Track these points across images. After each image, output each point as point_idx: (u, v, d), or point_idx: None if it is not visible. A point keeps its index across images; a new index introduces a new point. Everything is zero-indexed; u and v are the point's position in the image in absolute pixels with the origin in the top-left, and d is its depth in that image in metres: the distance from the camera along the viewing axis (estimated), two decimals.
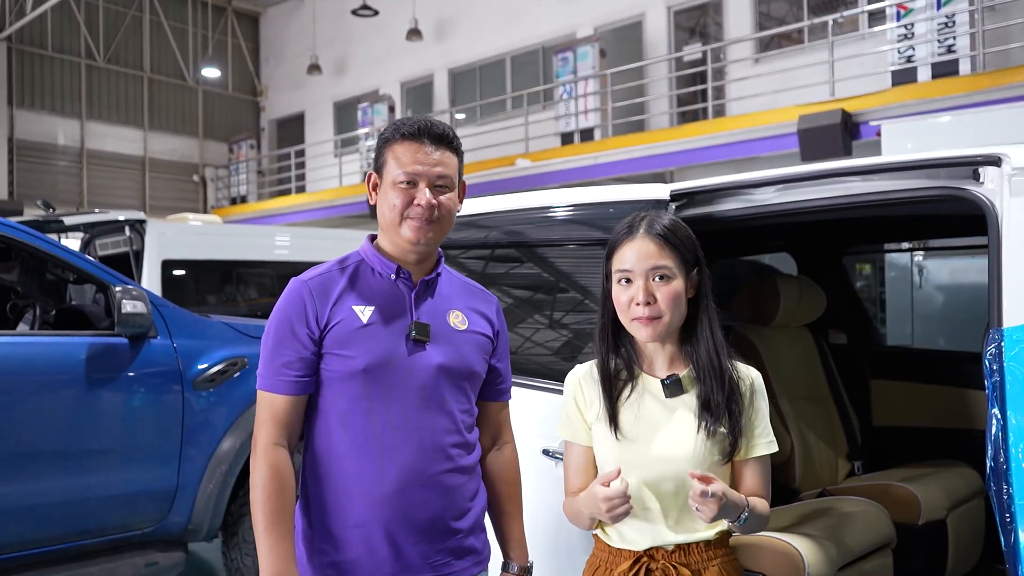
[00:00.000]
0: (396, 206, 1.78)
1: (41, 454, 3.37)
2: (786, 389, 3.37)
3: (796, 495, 3.23)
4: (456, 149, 1.85)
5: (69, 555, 3.48)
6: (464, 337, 1.86)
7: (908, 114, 8.89)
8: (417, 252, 1.82)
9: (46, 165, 18.54)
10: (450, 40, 17.39)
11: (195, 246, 8.06)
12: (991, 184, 2.07)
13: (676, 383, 1.85)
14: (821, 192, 2.38)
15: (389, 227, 1.81)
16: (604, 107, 13.38)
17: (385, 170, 1.81)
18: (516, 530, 1.98)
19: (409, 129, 1.80)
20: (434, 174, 1.78)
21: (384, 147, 1.82)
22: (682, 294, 1.84)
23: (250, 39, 22.29)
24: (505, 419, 2.02)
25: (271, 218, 17.41)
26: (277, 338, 1.76)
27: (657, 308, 1.81)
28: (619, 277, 1.85)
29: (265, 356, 1.78)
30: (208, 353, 3.90)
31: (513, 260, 3.13)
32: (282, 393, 1.75)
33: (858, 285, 8.11)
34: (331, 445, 1.76)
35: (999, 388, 1.92)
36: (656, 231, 1.85)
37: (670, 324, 1.83)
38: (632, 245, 1.84)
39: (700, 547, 1.84)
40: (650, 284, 1.81)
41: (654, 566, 1.82)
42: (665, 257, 1.82)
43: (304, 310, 1.75)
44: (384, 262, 1.84)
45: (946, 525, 3.01)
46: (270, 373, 1.76)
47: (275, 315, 1.79)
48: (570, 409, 1.94)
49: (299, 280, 1.80)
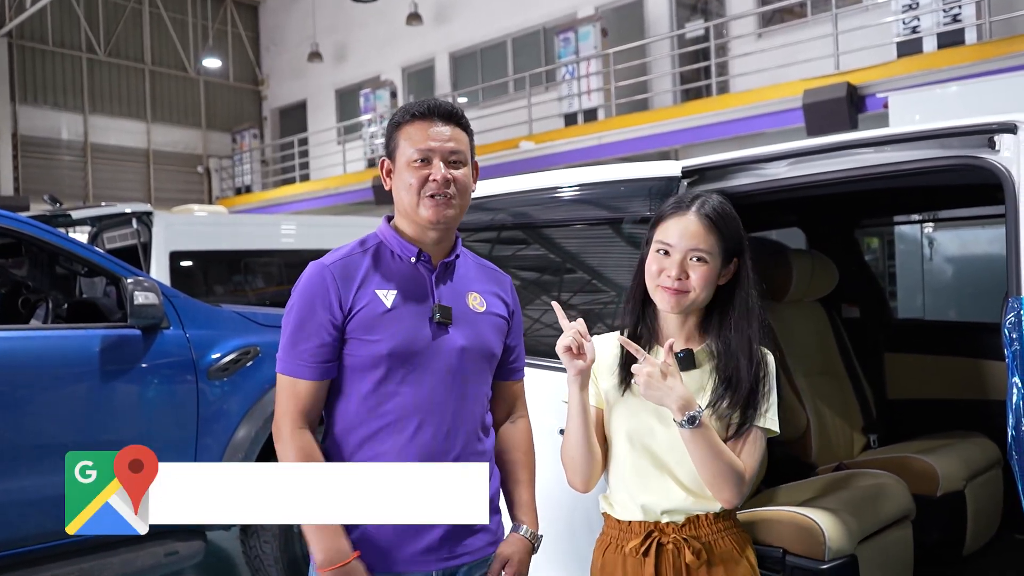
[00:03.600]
0: (412, 185, 1.77)
1: (58, 447, 3.37)
2: (800, 365, 3.36)
3: (813, 470, 3.23)
4: (466, 127, 1.86)
5: (89, 545, 3.50)
6: (483, 319, 1.87)
7: (914, 85, 8.82)
8: (437, 231, 1.81)
9: (51, 160, 18.55)
10: (450, 23, 17.30)
11: (202, 237, 8.07)
12: (1007, 152, 2.06)
13: (688, 357, 1.86)
14: (834, 165, 2.37)
15: (408, 208, 1.80)
16: (607, 87, 13.32)
17: (398, 153, 1.81)
18: (527, 496, 1.98)
19: (419, 109, 1.81)
20: (447, 149, 1.79)
21: (395, 131, 1.83)
22: (714, 280, 1.85)
23: (250, 28, 22.22)
24: (519, 394, 2.04)
25: (276, 207, 17.42)
26: (299, 322, 1.76)
27: (687, 284, 1.82)
28: (658, 247, 1.86)
29: (286, 340, 1.77)
30: (221, 342, 3.90)
31: (525, 241, 3.12)
32: (305, 378, 1.75)
33: (866, 259, 8.07)
34: (353, 428, 1.77)
35: (1019, 357, 1.91)
36: (706, 211, 1.86)
37: (694, 302, 1.84)
38: (679, 220, 1.86)
39: (709, 519, 1.84)
40: (686, 262, 1.83)
41: (664, 540, 1.83)
42: (708, 240, 1.83)
43: (328, 295, 1.75)
44: (404, 244, 1.84)
45: (964, 496, 3.01)
46: (292, 358, 1.76)
47: (297, 298, 1.78)
48: None
49: (320, 264, 1.79)
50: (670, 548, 1.83)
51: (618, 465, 1.88)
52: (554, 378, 2.69)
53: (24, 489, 3.26)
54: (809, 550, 2.35)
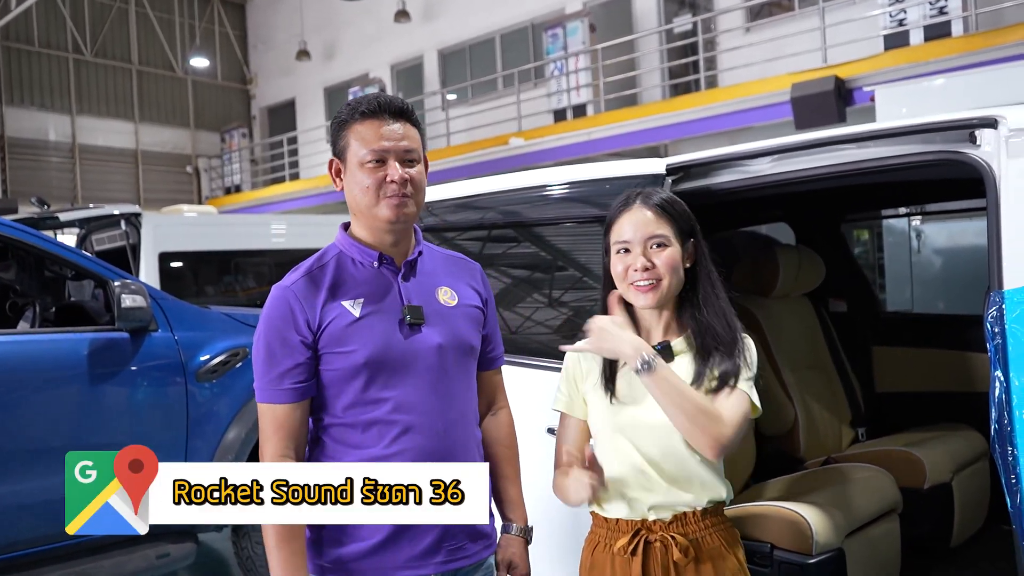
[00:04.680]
0: (368, 187, 1.73)
1: (49, 451, 3.37)
2: (788, 359, 3.37)
3: (801, 464, 3.25)
4: (416, 122, 1.81)
5: (82, 549, 3.49)
6: (456, 313, 1.84)
7: (902, 78, 8.85)
8: (395, 231, 1.78)
9: (38, 162, 18.46)
10: (438, 20, 17.27)
11: (191, 238, 8.05)
12: (988, 147, 2.06)
13: (666, 349, 1.88)
14: (817, 161, 2.38)
15: (364, 210, 1.76)
16: (596, 82, 13.32)
17: (348, 153, 1.76)
18: (514, 492, 1.98)
19: (367, 107, 1.76)
20: (401, 148, 1.75)
21: (343, 129, 1.77)
22: (679, 261, 1.87)
23: (237, 27, 22.14)
24: (499, 384, 2.03)
25: (266, 207, 17.37)
26: (269, 349, 1.73)
27: (656, 272, 1.84)
28: (617, 248, 1.89)
29: (259, 368, 1.74)
30: (209, 344, 3.90)
31: (512, 240, 3.12)
32: (284, 403, 1.72)
33: (856, 252, 8.11)
34: (342, 442, 1.75)
35: (1001, 350, 1.92)
36: (653, 201, 1.90)
37: (668, 289, 1.86)
38: (629, 216, 1.89)
39: (696, 516, 1.85)
40: (648, 252, 1.85)
41: (652, 538, 1.83)
42: (662, 226, 1.87)
43: (293, 316, 1.72)
44: (364, 250, 1.80)
45: (951, 488, 3.03)
46: (268, 385, 1.73)
47: (263, 325, 1.75)
48: (566, 379, 1.97)
49: (281, 287, 1.76)
50: (658, 546, 1.83)
51: (604, 464, 1.87)
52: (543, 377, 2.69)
53: (14, 493, 3.25)
54: (796, 544, 2.36)
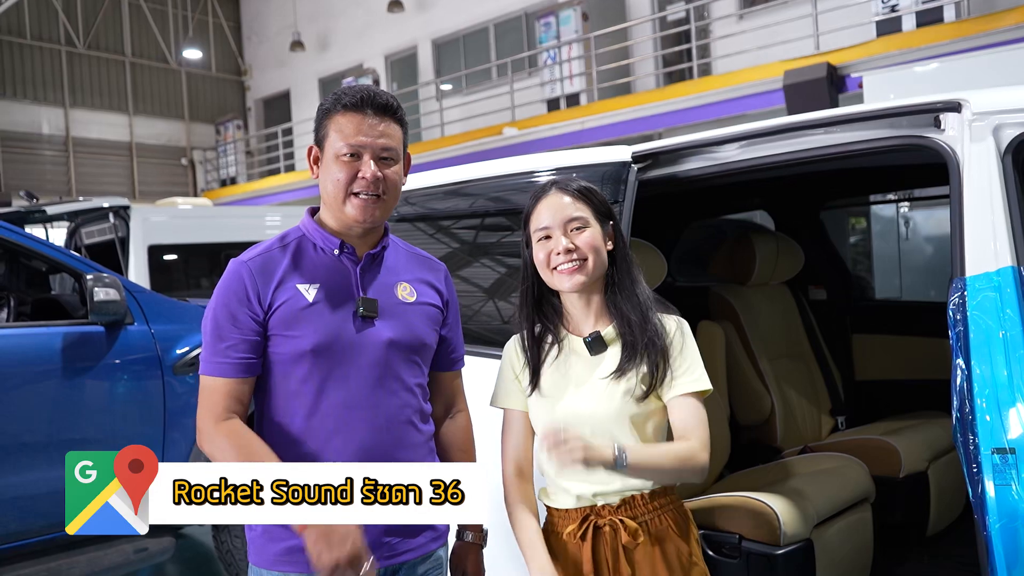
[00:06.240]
0: (340, 180, 1.71)
1: (22, 446, 3.35)
2: (765, 348, 3.36)
3: (778, 453, 3.23)
4: (400, 120, 1.78)
5: (57, 545, 3.47)
6: (413, 310, 1.82)
7: (893, 64, 8.80)
8: (362, 229, 1.77)
9: (32, 155, 18.39)
10: (432, 10, 17.19)
11: (182, 230, 8.02)
12: (952, 131, 2.04)
13: (598, 339, 1.86)
14: (784, 147, 2.35)
15: (333, 203, 1.75)
16: (589, 71, 13.25)
17: (327, 143, 1.74)
18: None
19: (351, 99, 1.73)
20: (379, 146, 1.72)
21: (325, 118, 1.76)
22: (601, 242, 1.87)
23: (231, 18, 22.03)
24: (458, 388, 1.99)
25: (262, 198, 17.31)
26: (217, 322, 1.70)
27: (579, 252, 1.83)
28: (538, 236, 1.88)
29: (207, 340, 1.72)
30: (187, 337, 3.87)
31: (482, 228, 3.08)
32: (228, 376, 1.70)
33: (852, 240, 8.07)
34: (282, 427, 1.72)
35: (963, 338, 1.90)
36: (567, 186, 1.90)
37: (593, 270, 1.84)
38: (547, 202, 1.89)
39: (644, 498, 1.83)
40: (569, 234, 1.85)
41: (601, 523, 1.82)
42: (580, 208, 1.87)
43: (246, 292, 1.70)
44: (327, 237, 1.78)
45: (927, 477, 3.01)
46: (212, 356, 1.71)
47: (215, 298, 1.73)
48: (507, 375, 1.94)
49: (238, 261, 1.74)
50: (607, 530, 1.82)
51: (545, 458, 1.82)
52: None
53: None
54: (764, 535, 2.35)
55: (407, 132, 1.83)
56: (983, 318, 1.88)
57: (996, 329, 1.86)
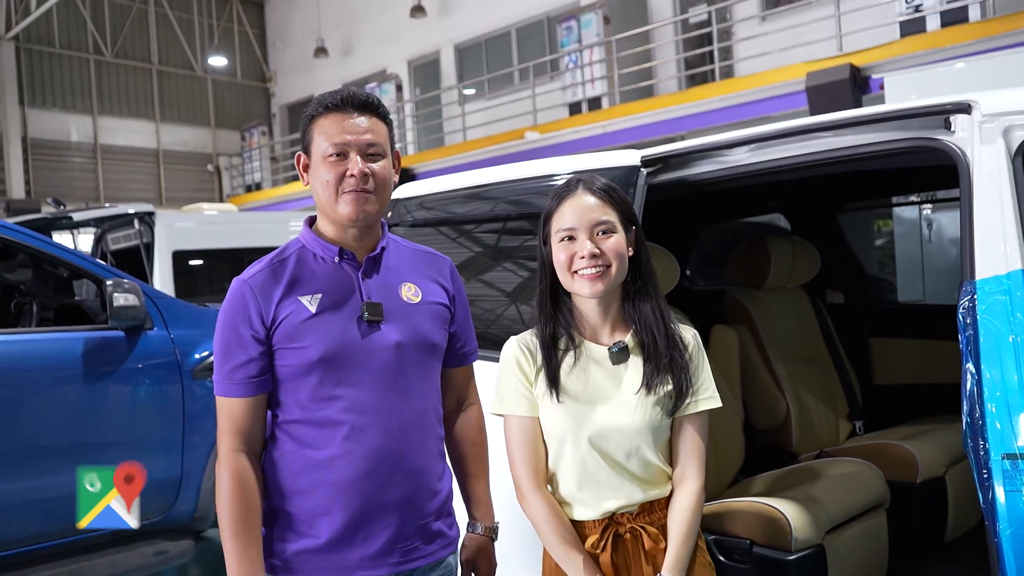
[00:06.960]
0: (329, 181, 1.71)
1: (44, 449, 3.40)
2: (781, 352, 3.33)
3: (794, 458, 3.20)
4: (384, 116, 1.78)
5: (79, 547, 3.52)
6: (419, 310, 1.80)
7: (918, 65, 8.71)
8: (357, 228, 1.76)
9: (61, 162, 18.68)
10: (454, 15, 17.26)
11: (206, 236, 8.07)
12: (962, 132, 2.01)
13: (623, 350, 1.81)
14: (795, 150, 2.33)
15: (326, 205, 1.74)
16: (610, 75, 13.23)
17: (313, 147, 1.74)
18: (481, 490, 1.96)
19: (332, 101, 1.74)
20: (363, 142, 1.72)
21: (309, 125, 1.76)
22: (625, 249, 1.80)
23: (256, 25, 22.27)
24: (470, 381, 1.98)
25: (287, 204, 17.43)
26: (224, 342, 1.71)
27: (604, 259, 1.77)
28: (561, 236, 1.80)
29: (217, 361, 1.73)
30: (206, 342, 3.91)
31: (496, 233, 3.09)
32: (237, 396, 1.70)
33: (879, 243, 7.98)
34: (293, 437, 1.73)
35: (973, 342, 1.88)
36: (596, 187, 1.83)
37: (616, 277, 1.79)
38: (572, 202, 1.81)
39: (662, 503, 1.82)
40: (595, 238, 1.78)
41: (622, 531, 1.80)
42: (607, 212, 1.80)
43: (247, 311, 1.70)
44: (325, 246, 1.77)
45: (945, 482, 2.97)
46: (223, 378, 1.71)
47: (220, 319, 1.73)
48: (512, 379, 1.85)
49: (240, 280, 1.74)
50: (628, 538, 1.80)
51: (570, 469, 1.81)
52: None
53: (11, 493, 3.28)
54: (776, 541, 2.33)
55: (392, 129, 1.83)
56: (993, 322, 1.85)
57: (1006, 333, 1.83)
